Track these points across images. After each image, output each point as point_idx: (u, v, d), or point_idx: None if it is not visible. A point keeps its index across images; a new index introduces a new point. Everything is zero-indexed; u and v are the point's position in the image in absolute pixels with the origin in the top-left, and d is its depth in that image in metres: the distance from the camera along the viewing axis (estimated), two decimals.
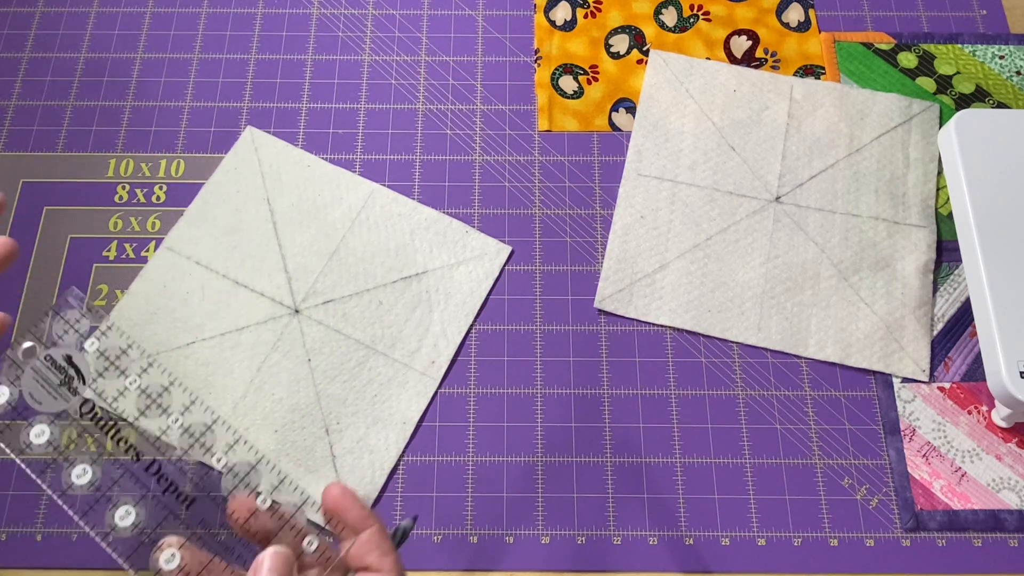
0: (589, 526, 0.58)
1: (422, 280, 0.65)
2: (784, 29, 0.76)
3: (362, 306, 0.63)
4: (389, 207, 0.67)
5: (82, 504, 0.37)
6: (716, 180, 0.68)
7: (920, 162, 0.69)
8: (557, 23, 0.76)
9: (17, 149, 0.70)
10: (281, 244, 0.66)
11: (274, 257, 0.65)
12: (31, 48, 0.74)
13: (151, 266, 0.65)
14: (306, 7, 0.76)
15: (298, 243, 0.66)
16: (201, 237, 0.66)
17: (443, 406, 0.62)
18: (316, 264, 0.65)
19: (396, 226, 0.66)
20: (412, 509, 0.58)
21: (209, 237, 0.66)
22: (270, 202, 0.67)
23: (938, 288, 0.65)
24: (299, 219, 0.66)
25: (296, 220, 0.66)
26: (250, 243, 0.66)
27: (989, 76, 0.73)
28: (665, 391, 0.62)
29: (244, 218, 0.67)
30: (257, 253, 0.65)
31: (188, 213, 0.67)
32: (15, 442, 0.38)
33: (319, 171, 0.68)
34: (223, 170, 0.69)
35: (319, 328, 0.63)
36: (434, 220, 0.67)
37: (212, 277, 0.65)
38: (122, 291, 0.64)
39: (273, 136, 0.70)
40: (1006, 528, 0.58)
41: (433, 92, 0.73)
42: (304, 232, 0.66)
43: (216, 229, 0.66)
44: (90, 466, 0.37)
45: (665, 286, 0.65)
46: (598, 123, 0.72)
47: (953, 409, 0.61)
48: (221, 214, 0.67)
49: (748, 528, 0.58)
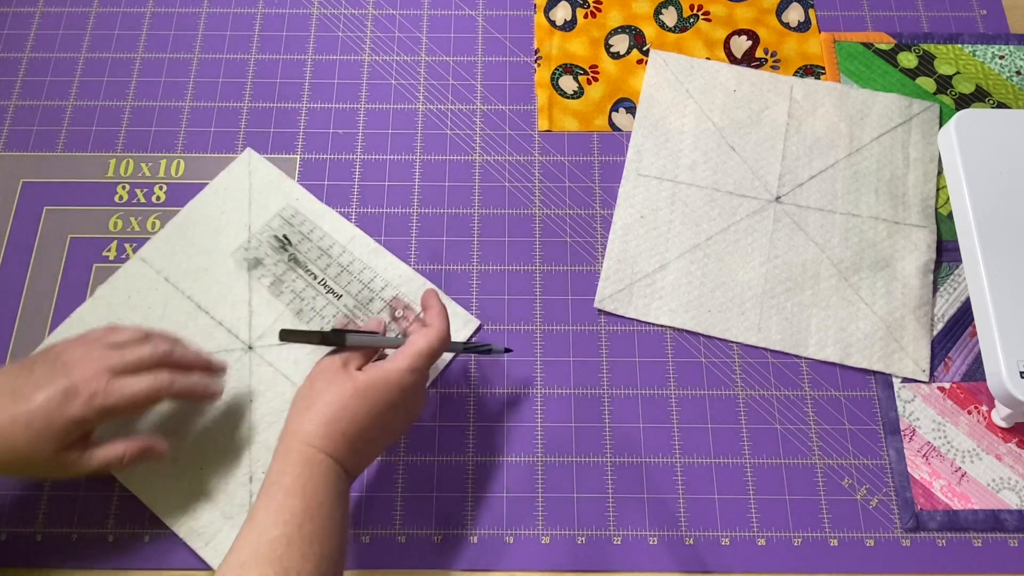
0: (589, 526, 0.58)
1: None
2: (784, 29, 0.76)
3: (315, 355, 0.58)
4: (366, 258, 0.66)
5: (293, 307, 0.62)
6: (716, 180, 0.68)
7: (920, 162, 0.69)
8: (557, 23, 0.76)
9: (17, 149, 0.70)
10: (251, 276, 0.65)
11: (241, 287, 0.64)
12: (31, 48, 0.74)
13: (120, 274, 0.65)
14: (306, 7, 0.76)
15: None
16: (175, 253, 0.65)
17: (444, 406, 0.62)
18: (279, 303, 0.64)
19: (370, 278, 0.65)
20: (412, 509, 0.58)
21: (183, 255, 0.65)
22: (250, 230, 0.66)
23: (938, 288, 0.65)
24: None
25: None
26: (221, 269, 0.65)
27: (989, 76, 0.73)
28: (665, 391, 0.62)
29: (222, 242, 0.66)
30: (226, 280, 0.64)
31: (168, 227, 0.66)
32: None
33: (306, 206, 0.67)
34: (213, 189, 0.68)
35: (268, 370, 0.62)
36: (408, 278, 0.65)
37: (177, 296, 0.64)
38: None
39: (269, 163, 0.69)
40: (1006, 528, 0.58)
41: (433, 92, 0.73)
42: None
43: (192, 247, 0.65)
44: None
45: (665, 286, 0.65)
46: (598, 123, 0.72)
47: (953, 409, 0.61)
48: (200, 233, 0.66)
49: (748, 528, 0.58)
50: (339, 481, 0.48)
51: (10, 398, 0.48)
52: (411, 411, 0.53)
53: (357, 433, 0.49)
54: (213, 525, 0.57)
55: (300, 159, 0.70)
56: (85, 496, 0.59)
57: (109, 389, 0.49)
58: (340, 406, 0.49)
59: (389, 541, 0.58)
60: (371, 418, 0.49)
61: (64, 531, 0.58)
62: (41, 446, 0.48)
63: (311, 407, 0.49)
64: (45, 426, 0.47)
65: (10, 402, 0.48)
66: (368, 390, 0.49)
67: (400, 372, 0.50)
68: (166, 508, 0.57)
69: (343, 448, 0.48)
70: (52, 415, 0.47)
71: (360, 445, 0.49)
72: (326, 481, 0.47)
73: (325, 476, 0.47)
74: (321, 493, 0.46)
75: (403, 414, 0.52)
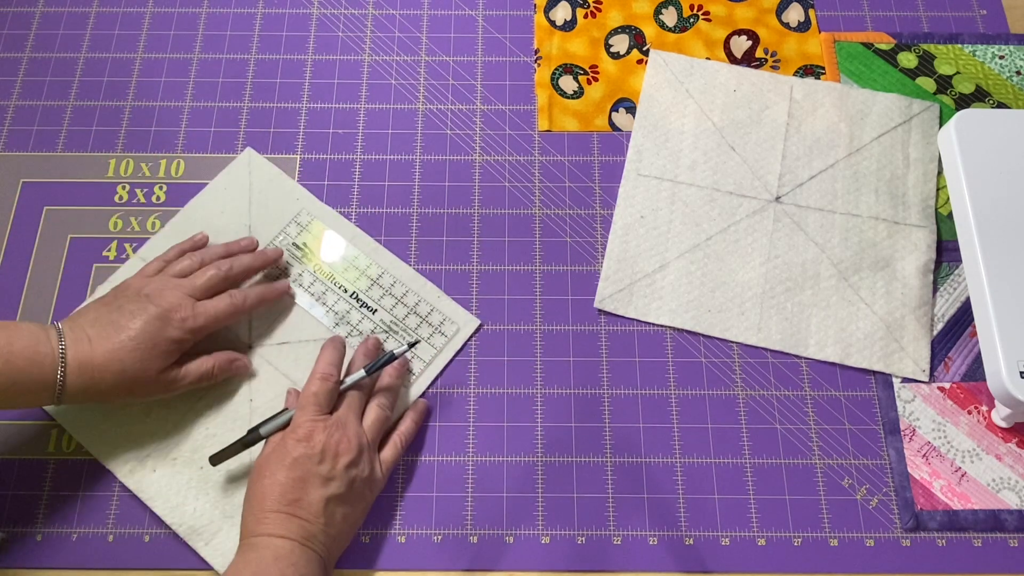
0: (589, 526, 0.58)
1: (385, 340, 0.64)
2: (784, 29, 0.76)
3: (315, 354, 0.60)
4: (370, 256, 0.66)
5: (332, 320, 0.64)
6: (716, 180, 0.68)
7: (920, 162, 0.69)
8: (557, 23, 0.76)
9: (17, 149, 0.70)
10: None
11: None
12: (31, 48, 0.74)
13: (119, 274, 0.64)
14: (306, 7, 0.76)
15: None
16: None
17: (443, 406, 0.62)
18: (276, 305, 0.64)
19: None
20: (412, 509, 0.58)
21: None
22: (250, 230, 0.66)
23: (938, 288, 0.65)
24: None
25: None
26: None
27: (989, 76, 0.73)
28: (665, 391, 0.62)
29: (221, 241, 0.65)
30: None
31: (168, 227, 0.66)
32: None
33: (306, 206, 0.67)
34: (212, 189, 0.68)
35: (268, 369, 0.62)
36: (410, 278, 0.65)
37: None
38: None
39: (269, 162, 0.69)
40: (1006, 528, 0.58)
41: (433, 92, 0.73)
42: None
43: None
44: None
45: (665, 286, 0.65)
46: (598, 123, 0.72)
47: (953, 409, 0.61)
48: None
49: (748, 528, 0.58)
50: (291, 555, 0.50)
51: (113, 329, 0.54)
52: (343, 456, 0.54)
53: (280, 499, 0.51)
54: (213, 525, 0.57)
55: (300, 159, 0.70)
56: (85, 496, 0.59)
57: (196, 312, 0.56)
58: (257, 487, 0.52)
59: (389, 541, 0.58)
60: (292, 481, 0.52)
61: (64, 531, 0.58)
62: (147, 366, 0.54)
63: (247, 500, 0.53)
64: (150, 348, 0.54)
65: (114, 332, 0.54)
66: (267, 458, 0.53)
67: (293, 424, 0.54)
68: (166, 507, 0.57)
69: (277, 521, 0.51)
70: (154, 338, 0.54)
71: (296, 510, 0.51)
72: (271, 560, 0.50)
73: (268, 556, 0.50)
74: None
75: (337, 462, 0.53)
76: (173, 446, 0.59)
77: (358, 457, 0.54)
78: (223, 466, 0.58)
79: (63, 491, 0.59)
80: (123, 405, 0.60)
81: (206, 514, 0.57)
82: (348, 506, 0.53)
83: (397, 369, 0.60)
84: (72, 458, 0.60)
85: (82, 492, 0.59)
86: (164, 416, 0.60)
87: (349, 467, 0.53)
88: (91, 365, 0.52)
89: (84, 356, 0.52)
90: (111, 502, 0.58)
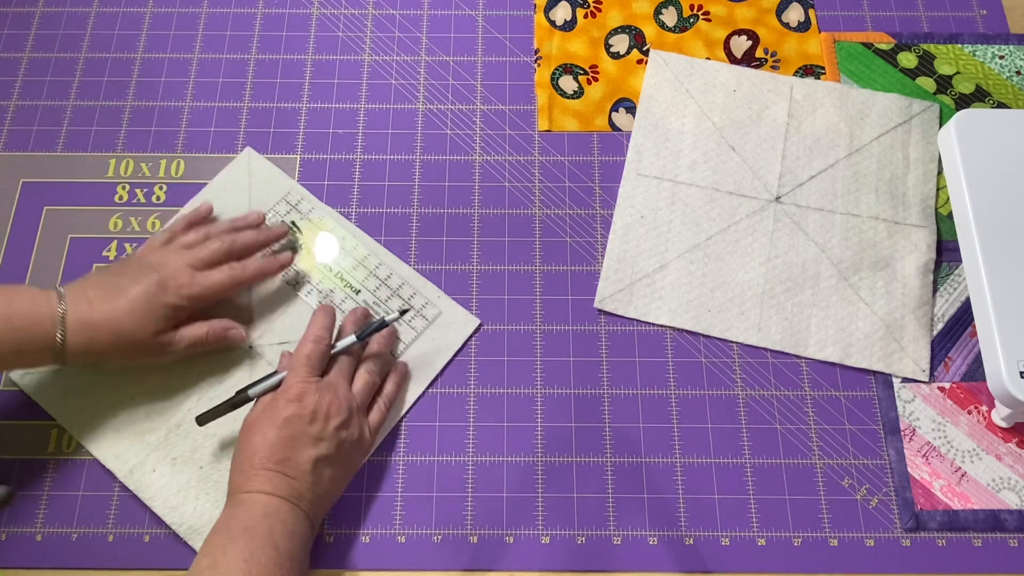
0: (589, 526, 0.58)
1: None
2: (784, 29, 0.76)
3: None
4: (369, 257, 0.66)
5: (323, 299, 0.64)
6: (716, 180, 0.68)
7: (920, 162, 0.69)
8: (557, 23, 0.76)
9: (17, 149, 0.70)
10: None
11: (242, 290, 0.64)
12: (31, 48, 0.74)
13: None
14: (306, 7, 0.76)
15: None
16: None
17: (443, 406, 0.62)
18: (278, 302, 0.64)
19: (386, 275, 0.65)
20: (412, 509, 0.58)
21: None
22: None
23: (938, 288, 0.65)
24: None
25: None
26: None
27: (989, 76, 0.73)
28: (665, 391, 0.62)
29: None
30: None
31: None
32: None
33: (305, 205, 0.67)
34: (211, 189, 0.68)
35: (268, 369, 0.62)
36: (410, 278, 0.65)
37: None
38: None
39: (269, 162, 0.69)
40: (1006, 528, 0.58)
41: (433, 92, 0.73)
42: None
43: None
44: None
45: (665, 286, 0.65)
46: (598, 123, 0.72)
47: (953, 409, 0.61)
48: None
49: (748, 528, 0.58)
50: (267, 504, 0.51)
51: (113, 292, 0.56)
52: (328, 406, 0.55)
53: (269, 457, 0.53)
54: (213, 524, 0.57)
55: (300, 159, 0.70)
56: (85, 496, 0.59)
57: (193, 282, 0.58)
58: (247, 444, 0.54)
59: (389, 541, 0.58)
60: (282, 439, 0.53)
61: (64, 531, 0.58)
62: (142, 327, 0.55)
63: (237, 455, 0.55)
64: (145, 311, 0.56)
65: (114, 295, 0.56)
66: (258, 417, 0.55)
67: (285, 385, 0.55)
68: (166, 507, 0.57)
69: (265, 477, 0.52)
70: (151, 301, 0.56)
71: (285, 468, 0.52)
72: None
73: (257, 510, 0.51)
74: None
75: (321, 420, 0.54)
76: (173, 446, 0.59)
77: (348, 419, 0.55)
78: (223, 466, 0.58)
79: (63, 491, 0.59)
80: (124, 405, 0.60)
81: (206, 514, 0.57)
82: (336, 467, 0.54)
83: (386, 337, 0.61)
84: (72, 458, 0.60)
85: (82, 492, 0.59)
86: (165, 415, 0.60)
87: (339, 429, 0.54)
88: (90, 324, 0.54)
89: (83, 316, 0.54)
90: (111, 502, 0.58)
